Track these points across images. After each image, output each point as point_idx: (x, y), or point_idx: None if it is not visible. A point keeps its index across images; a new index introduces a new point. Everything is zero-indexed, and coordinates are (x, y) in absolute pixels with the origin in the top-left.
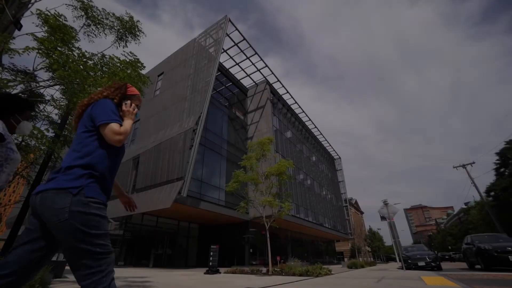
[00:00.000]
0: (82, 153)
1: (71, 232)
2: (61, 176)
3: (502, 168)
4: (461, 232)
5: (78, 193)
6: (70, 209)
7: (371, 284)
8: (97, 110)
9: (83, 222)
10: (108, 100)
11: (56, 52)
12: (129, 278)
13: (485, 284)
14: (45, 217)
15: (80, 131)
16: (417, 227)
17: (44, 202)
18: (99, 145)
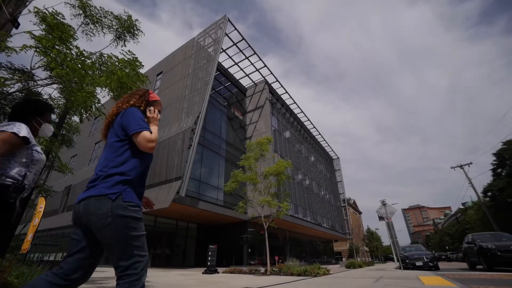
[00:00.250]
0: (117, 161)
1: (113, 235)
2: (100, 184)
3: (499, 169)
4: (458, 232)
5: (117, 199)
6: (112, 214)
7: (369, 283)
8: (128, 119)
9: (123, 225)
10: (135, 109)
11: (53, 50)
12: None
13: (482, 284)
14: (90, 223)
15: (113, 140)
16: (415, 227)
17: (87, 208)
18: (131, 153)
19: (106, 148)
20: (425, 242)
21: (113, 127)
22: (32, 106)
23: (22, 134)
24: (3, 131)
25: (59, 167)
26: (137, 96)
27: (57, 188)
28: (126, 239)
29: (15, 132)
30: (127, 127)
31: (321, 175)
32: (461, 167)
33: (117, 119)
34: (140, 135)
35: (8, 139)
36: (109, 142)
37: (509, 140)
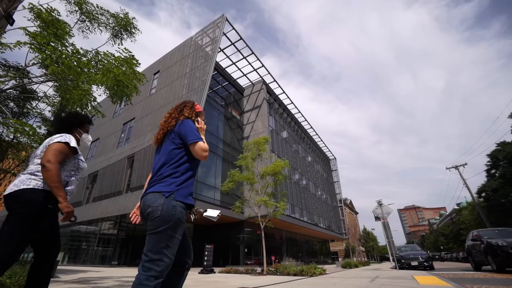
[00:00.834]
0: (173, 166)
1: (157, 225)
2: (158, 183)
3: (493, 170)
4: (453, 232)
5: (169, 197)
6: (162, 208)
7: (364, 283)
8: (185, 130)
9: (166, 218)
10: (190, 121)
11: (48, 47)
12: (123, 278)
13: (476, 283)
14: (145, 212)
15: (171, 148)
16: (410, 227)
17: (145, 202)
18: (186, 159)
19: (162, 152)
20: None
21: (171, 136)
22: (73, 118)
23: (72, 144)
24: (58, 142)
25: None
26: (188, 109)
27: None
28: (163, 235)
29: (67, 142)
30: (185, 137)
31: (318, 175)
32: (456, 168)
33: (174, 129)
34: (197, 145)
35: (62, 149)
36: (166, 148)
37: (503, 142)
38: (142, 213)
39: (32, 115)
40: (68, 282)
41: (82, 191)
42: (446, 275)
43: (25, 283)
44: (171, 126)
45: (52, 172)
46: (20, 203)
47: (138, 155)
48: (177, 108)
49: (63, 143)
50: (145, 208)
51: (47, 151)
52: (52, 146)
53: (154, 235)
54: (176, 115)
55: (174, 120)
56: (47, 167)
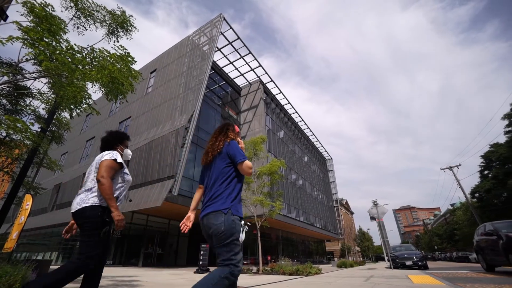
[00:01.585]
0: (226, 182)
1: (223, 239)
2: (216, 201)
3: (486, 171)
4: (446, 232)
5: (227, 213)
6: (224, 224)
7: (359, 282)
8: (233, 151)
9: (229, 232)
10: (235, 142)
11: (42, 43)
12: (117, 277)
13: (469, 282)
14: (209, 230)
15: (222, 166)
16: (405, 227)
17: (208, 221)
18: (235, 175)
19: (213, 171)
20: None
21: (221, 156)
22: (115, 137)
23: (119, 160)
24: (108, 159)
25: (48, 164)
26: (231, 131)
27: (46, 186)
28: (230, 246)
29: (115, 158)
30: (233, 157)
31: (314, 175)
32: (450, 168)
33: (223, 150)
34: (244, 163)
35: (112, 165)
36: (218, 167)
37: (496, 143)
38: (204, 229)
39: (26, 112)
40: None
41: (77, 190)
42: (440, 274)
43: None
44: (220, 148)
45: (105, 186)
46: (84, 219)
47: (134, 154)
48: (221, 132)
49: (112, 160)
50: (209, 227)
51: (100, 168)
52: (104, 163)
53: (224, 247)
54: (222, 137)
55: (222, 142)
56: (101, 182)
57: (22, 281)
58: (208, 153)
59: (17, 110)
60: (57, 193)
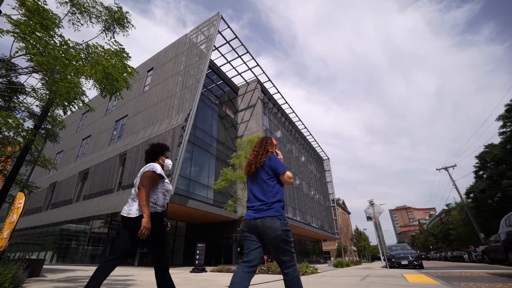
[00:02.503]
0: (273, 193)
1: (281, 241)
2: (269, 209)
3: (481, 171)
4: (442, 232)
5: (282, 219)
6: (281, 228)
7: (355, 281)
8: (275, 164)
9: (286, 235)
10: (275, 155)
11: (33, 36)
12: (112, 276)
13: (464, 281)
14: (266, 233)
15: (266, 178)
16: (401, 227)
17: (264, 224)
18: (279, 186)
19: (258, 182)
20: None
21: (264, 168)
22: (156, 148)
23: (159, 171)
24: (149, 171)
25: (42, 162)
26: (270, 145)
27: (41, 184)
28: (286, 244)
29: (154, 170)
30: (276, 169)
31: (311, 175)
32: (446, 169)
33: (266, 163)
34: (285, 174)
35: (152, 176)
36: (262, 178)
37: (490, 144)
38: (255, 229)
39: (19, 109)
40: (54, 281)
41: (73, 188)
42: (435, 273)
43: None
44: (262, 162)
45: (143, 194)
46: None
47: (130, 152)
48: (261, 146)
49: (152, 171)
50: (264, 228)
51: (142, 178)
52: (145, 174)
53: (283, 247)
54: (263, 151)
55: (264, 156)
56: (141, 190)
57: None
58: (252, 165)
59: (10, 107)
60: (52, 192)
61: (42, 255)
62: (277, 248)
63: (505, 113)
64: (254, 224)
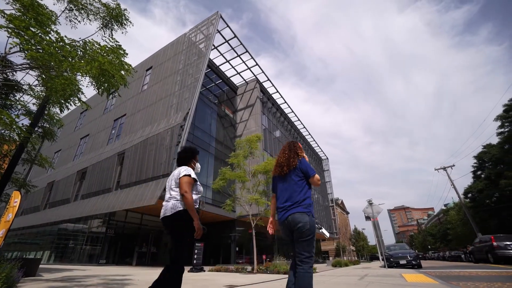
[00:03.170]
0: (303, 192)
1: (307, 235)
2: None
3: (479, 171)
4: (440, 232)
5: (310, 215)
6: (309, 222)
7: (353, 281)
8: (305, 167)
9: (312, 230)
10: (305, 159)
11: (28, 32)
12: (109, 276)
13: (462, 281)
14: (296, 226)
15: (297, 179)
16: (400, 227)
17: (294, 219)
18: (308, 187)
19: (290, 182)
20: (409, 242)
21: (295, 171)
22: (188, 153)
23: (193, 176)
24: (185, 175)
25: (39, 161)
26: (299, 149)
27: (39, 184)
28: (310, 239)
29: (190, 174)
30: (306, 172)
31: None
32: (444, 169)
33: (297, 166)
34: (315, 177)
35: (189, 180)
36: (293, 180)
37: (488, 144)
38: (286, 226)
39: (16, 107)
40: (50, 280)
41: (71, 188)
42: (433, 273)
43: None
44: (295, 165)
45: (189, 199)
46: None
47: (129, 152)
48: (291, 150)
49: (188, 176)
50: (295, 223)
51: (182, 184)
52: (183, 179)
53: (306, 242)
54: (294, 155)
55: (295, 160)
56: (185, 196)
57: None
58: (283, 166)
59: (7, 105)
60: (49, 191)
61: (40, 254)
62: (299, 240)
63: (503, 113)
64: (287, 222)
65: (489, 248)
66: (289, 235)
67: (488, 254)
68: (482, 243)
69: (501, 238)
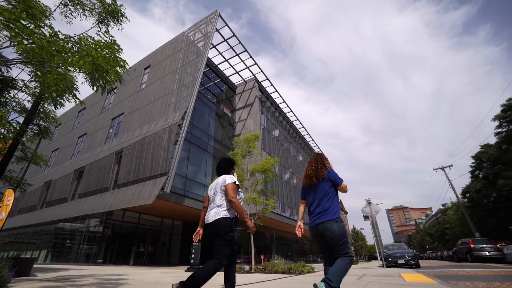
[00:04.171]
0: (330, 200)
1: (339, 239)
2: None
3: (477, 171)
4: (438, 232)
5: (338, 221)
6: (338, 229)
7: (351, 281)
8: (334, 176)
9: (342, 234)
10: (332, 169)
11: (17, 24)
12: (105, 275)
13: (461, 280)
14: (326, 235)
15: (326, 187)
16: (398, 227)
17: (324, 227)
18: (335, 194)
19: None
20: (407, 242)
21: (324, 179)
22: (227, 162)
23: (237, 182)
24: (230, 183)
25: (34, 159)
26: (326, 160)
27: (36, 183)
28: (344, 241)
29: (235, 181)
30: (334, 181)
31: None
32: (443, 169)
33: (325, 176)
34: (342, 184)
35: (234, 187)
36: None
37: (486, 144)
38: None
39: (10, 105)
40: (44, 280)
41: (68, 187)
42: (432, 272)
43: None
44: (323, 175)
45: (237, 204)
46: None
47: (126, 150)
48: (318, 162)
49: (233, 183)
50: (325, 231)
51: (228, 191)
52: (229, 186)
53: (341, 246)
54: (322, 166)
55: (323, 170)
56: (233, 202)
57: None
58: (312, 177)
59: (1, 102)
60: (47, 190)
61: (36, 254)
62: (336, 245)
63: (501, 113)
64: (317, 229)
65: (467, 249)
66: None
67: (467, 255)
68: (463, 245)
69: (478, 241)
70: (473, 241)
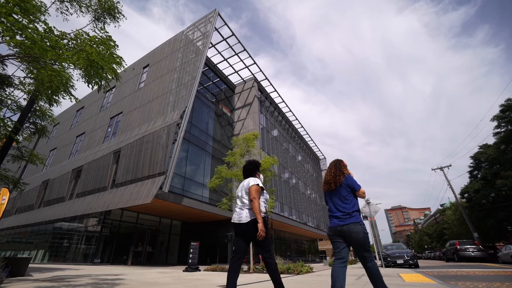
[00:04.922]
0: (351, 204)
1: (362, 242)
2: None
3: (476, 171)
4: (436, 232)
5: (361, 224)
6: (362, 232)
7: (350, 281)
8: (352, 182)
9: (365, 237)
10: (350, 175)
11: (9, 18)
12: (101, 275)
13: (460, 280)
14: (351, 236)
15: (345, 193)
16: (397, 227)
17: (350, 229)
18: (355, 199)
19: (338, 196)
20: (405, 242)
21: (342, 185)
22: (252, 165)
23: (261, 185)
24: (254, 184)
25: (29, 157)
26: (344, 167)
27: (33, 182)
28: (366, 243)
29: (258, 183)
30: (352, 187)
31: (307, 174)
32: (441, 169)
33: (343, 182)
34: (360, 190)
35: (258, 189)
36: (342, 194)
37: (485, 144)
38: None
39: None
40: (39, 280)
41: (66, 186)
42: (431, 272)
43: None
44: (341, 181)
45: (256, 204)
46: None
47: (125, 150)
48: (337, 168)
49: (257, 185)
50: (350, 233)
51: (251, 191)
52: (253, 188)
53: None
54: (340, 173)
55: (341, 177)
56: (253, 202)
57: None
58: (331, 183)
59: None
60: (44, 189)
61: (34, 253)
62: (360, 247)
63: (499, 113)
64: (340, 229)
65: (454, 250)
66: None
67: (454, 255)
68: (451, 246)
69: (463, 243)
70: (459, 242)
